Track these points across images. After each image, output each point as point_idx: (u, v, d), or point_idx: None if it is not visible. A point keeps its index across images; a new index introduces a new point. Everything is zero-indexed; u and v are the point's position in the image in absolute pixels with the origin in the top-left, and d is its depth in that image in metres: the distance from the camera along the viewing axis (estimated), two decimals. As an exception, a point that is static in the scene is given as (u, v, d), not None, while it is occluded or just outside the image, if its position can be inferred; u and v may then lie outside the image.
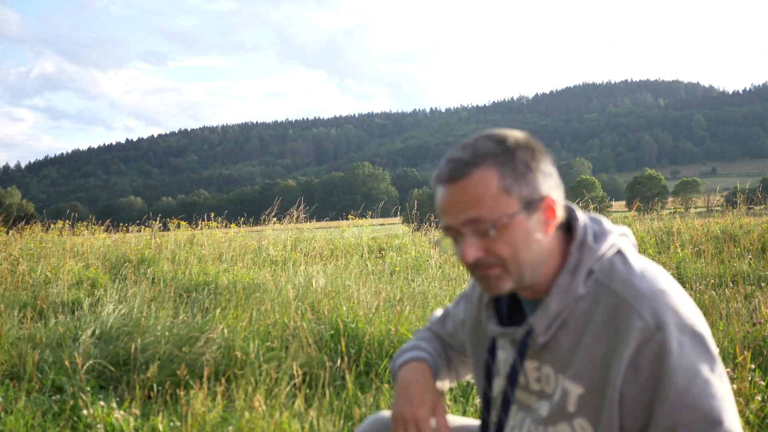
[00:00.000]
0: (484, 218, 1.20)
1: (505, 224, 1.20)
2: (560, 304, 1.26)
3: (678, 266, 6.29)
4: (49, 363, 3.71)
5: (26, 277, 6.02)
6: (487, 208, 1.20)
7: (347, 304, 4.68)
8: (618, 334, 1.19)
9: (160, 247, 8.30)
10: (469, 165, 1.21)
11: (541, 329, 1.27)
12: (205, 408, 2.94)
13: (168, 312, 4.71)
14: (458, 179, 1.21)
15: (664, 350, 1.15)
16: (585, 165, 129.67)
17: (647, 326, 1.17)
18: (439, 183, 1.24)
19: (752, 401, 2.72)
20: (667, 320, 1.17)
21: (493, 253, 1.23)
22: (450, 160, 1.24)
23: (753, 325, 3.57)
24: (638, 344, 1.17)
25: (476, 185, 1.20)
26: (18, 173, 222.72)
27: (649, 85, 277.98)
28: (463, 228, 1.23)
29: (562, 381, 1.28)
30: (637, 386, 1.18)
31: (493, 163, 1.21)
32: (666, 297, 1.21)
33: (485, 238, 1.22)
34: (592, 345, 1.23)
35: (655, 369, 1.16)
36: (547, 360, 1.30)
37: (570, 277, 1.26)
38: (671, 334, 1.16)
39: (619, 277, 1.24)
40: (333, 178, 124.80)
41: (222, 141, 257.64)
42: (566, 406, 1.27)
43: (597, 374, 1.23)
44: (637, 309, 1.19)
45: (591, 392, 1.24)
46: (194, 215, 11.92)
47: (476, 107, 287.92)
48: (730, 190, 14.26)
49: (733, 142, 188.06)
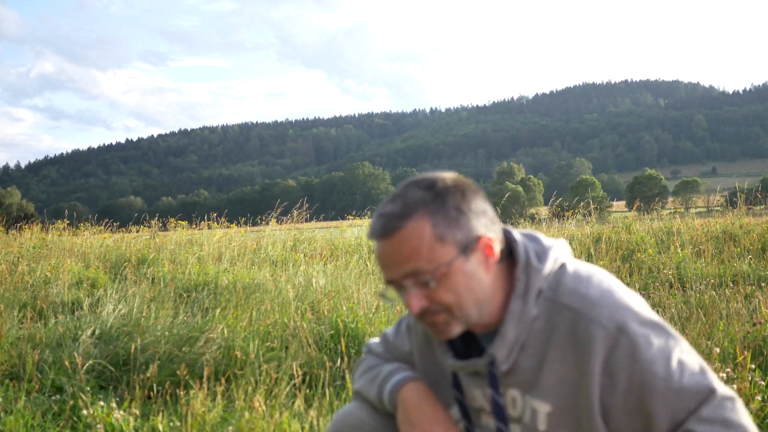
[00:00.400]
0: (423, 270, 1.20)
1: (444, 273, 1.21)
2: (516, 329, 1.26)
3: (678, 266, 6.28)
4: (49, 363, 3.71)
5: (26, 277, 6.02)
6: (424, 259, 1.20)
7: (347, 304, 4.68)
8: (582, 346, 1.20)
9: (160, 247, 8.30)
10: (400, 218, 1.20)
11: (502, 358, 1.28)
12: (205, 408, 2.94)
13: (168, 312, 4.71)
14: (391, 234, 1.21)
15: (634, 349, 1.18)
16: (585, 165, 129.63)
17: (609, 333, 1.19)
18: (373, 239, 1.24)
19: (752, 401, 2.72)
20: (626, 320, 1.20)
21: (437, 302, 1.23)
22: (381, 215, 1.23)
23: (753, 325, 3.57)
24: (606, 352, 1.18)
25: (410, 238, 1.20)
26: (18, 173, 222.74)
27: (650, 85, 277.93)
28: (403, 281, 1.23)
29: (529, 401, 1.28)
30: (619, 392, 1.19)
31: (424, 213, 1.20)
32: (615, 297, 1.23)
33: (427, 288, 1.22)
34: (556, 362, 1.24)
35: (631, 370, 1.18)
36: (511, 384, 1.31)
37: (521, 302, 1.26)
38: (635, 332, 1.19)
39: (568, 290, 1.25)
40: (333, 178, 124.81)
41: (222, 141, 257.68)
42: (536, 425, 1.28)
43: (565, 390, 1.23)
44: (595, 318, 1.20)
45: (561, 408, 1.25)
46: (194, 215, 11.91)
47: (476, 107, 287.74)
48: (731, 190, 14.26)
49: (733, 142, 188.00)
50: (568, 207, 10.64)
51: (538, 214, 14.36)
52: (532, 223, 11.29)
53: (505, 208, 10.18)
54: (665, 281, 5.79)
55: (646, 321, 1.21)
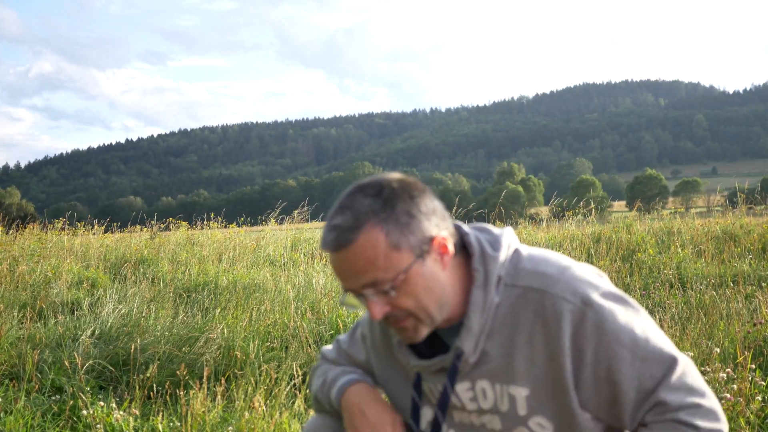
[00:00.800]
0: (381, 280, 1.20)
1: (403, 279, 1.21)
2: (481, 319, 1.27)
3: (678, 266, 6.28)
4: (49, 363, 3.71)
5: (26, 277, 6.01)
6: (381, 269, 1.19)
7: (347, 304, 4.67)
8: (550, 323, 1.23)
9: (159, 247, 8.30)
10: (352, 230, 1.19)
11: (470, 350, 1.28)
12: (205, 408, 2.93)
13: (168, 312, 4.71)
14: (345, 247, 1.19)
15: (600, 321, 1.21)
16: (585, 165, 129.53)
17: (576, 307, 1.22)
18: (327, 251, 1.23)
19: (752, 401, 2.72)
20: (590, 294, 1.23)
21: (398, 308, 1.24)
22: (333, 228, 1.21)
23: (753, 326, 3.57)
24: (574, 326, 1.21)
25: (365, 250, 1.19)
26: (18, 173, 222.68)
27: (650, 85, 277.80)
28: (362, 291, 1.23)
29: (505, 389, 1.29)
30: (587, 364, 1.22)
31: (375, 222, 1.19)
32: (574, 272, 1.26)
33: (387, 296, 1.23)
34: (526, 344, 1.25)
35: (598, 341, 1.21)
36: (479, 376, 1.31)
37: (483, 292, 1.27)
38: (600, 304, 1.22)
39: (526, 272, 1.27)
40: (333, 178, 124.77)
41: (222, 141, 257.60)
42: (517, 411, 1.29)
43: (540, 371, 1.25)
44: (560, 294, 1.23)
45: (537, 390, 1.26)
46: (194, 215, 11.90)
47: (476, 107, 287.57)
48: (731, 190, 14.26)
49: (733, 142, 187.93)
50: (569, 207, 10.63)
51: (539, 214, 14.36)
52: (532, 223, 11.28)
53: (505, 208, 10.17)
54: (665, 281, 5.78)
55: (608, 293, 1.25)
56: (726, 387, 2.81)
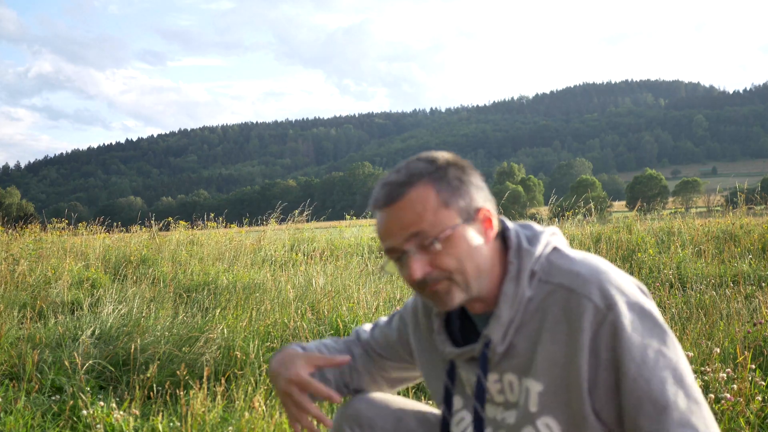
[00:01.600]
0: (428, 232, 1.22)
1: (449, 236, 1.23)
2: (511, 310, 1.28)
3: (678, 266, 6.28)
4: (49, 363, 3.71)
5: (26, 277, 6.01)
6: (428, 222, 1.22)
7: (347, 304, 4.68)
8: (573, 323, 1.22)
9: (159, 248, 8.30)
10: (404, 185, 1.24)
11: (497, 339, 1.29)
12: (205, 408, 2.93)
13: (168, 312, 4.71)
14: (396, 200, 1.24)
15: (618, 328, 1.19)
16: (585, 165, 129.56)
17: (598, 308, 1.20)
18: (377, 208, 1.27)
19: (752, 401, 2.71)
20: (616, 299, 1.21)
21: (440, 267, 1.25)
22: (385, 184, 1.27)
23: (753, 326, 3.57)
24: (594, 328, 1.20)
25: (415, 203, 1.23)
26: (17, 173, 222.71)
27: (650, 85, 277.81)
28: (406, 245, 1.24)
29: (524, 382, 1.29)
30: (601, 370, 1.21)
31: (428, 180, 1.24)
32: (609, 277, 1.24)
33: (430, 253, 1.24)
34: (549, 341, 1.25)
35: (612, 348, 1.19)
36: (507, 369, 1.32)
37: (515, 284, 1.28)
38: (622, 312, 1.20)
39: (561, 270, 1.27)
40: (333, 178, 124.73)
41: (222, 141, 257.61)
42: (528, 406, 1.29)
43: (558, 369, 1.24)
44: (586, 294, 1.22)
45: (552, 388, 1.26)
46: (194, 215, 11.91)
47: (476, 107, 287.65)
48: (731, 190, 14.27)
49: (733, 142, 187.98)
50: (569, 207, 10.63)
51: (539, 214, 14.36)
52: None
53: (505, 208, 10.17)
54: (665, 281, 5.78)
55: (636, 306, 1.22)
56: (726, 387, 2.81)
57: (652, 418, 1.16)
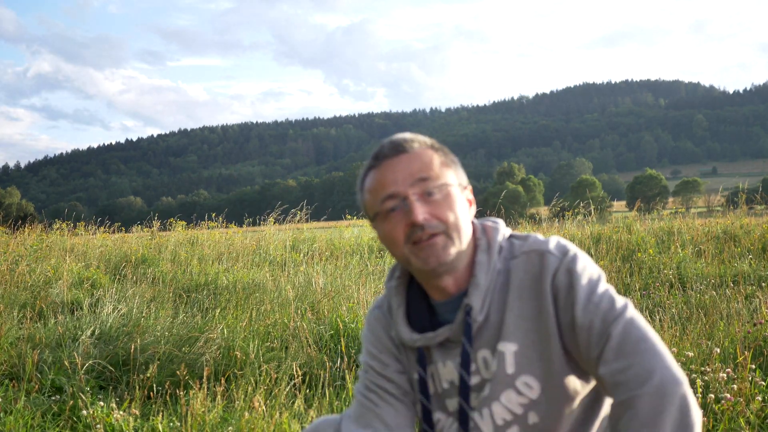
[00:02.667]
0: (433, 179, 1.31)
1: (449, 191, 1.31)
2: (486, 277, 1.34)
3: (678, 266, 6.28)
4: (49, 363, 3.71)
5: (26, 277, 6.01)
6: (434, 172, 1.32)
7: (347, 304, 4.68)
8: (536, 276, 1.32)
9: (159, 248, 8.30)
10: (413, 142, 1.36)
11: (477, 306, 1.33)
12: (205, 408, 2.93)
13: (168, 312, 4.71)
14: (406, 151, 1.34)
15: (572, 268, 1.29)
16: (585, 165, 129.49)
17: (557, 258, 1.31)
18: (383, 159, 1.35)
19: (753, 401, 2.71)
20: (569, 247, 1.33)
21: (438, 217, 1.31)
22: (393, 141, 1.37)
23: (753, 326, 3.57)
24: (553, 273, 1.30)
25: (422, 156, 1.34)
26: (17, 173, 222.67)
27: (650, 85, 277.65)
28: (410, 190, 1.31)
29: (499, 348, 1.32)
30: (561, 310, 1.28)
31: (430, 147, 1.37)
32: (564, 240, 1.37)
33: (430, 202, 1.31)
34: (517, 300, 1.32)
35: (567, 286, 1.28)
36: (481, 345, 1.35)
37: (486, 255, 1.36)
38: (576, 258, 1.31)
39: (522, 244, 1.38)
40: (333, 178, 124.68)
41: (222, 141, 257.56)
42: (505, 369, 1.32)
43: (528, 324, 1.31)
44: (546, 249, 1.33)
45: (525, 345, 1.31)
46: (194, 215, 11.90)
47: (476, 107, 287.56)
48: (731, 190, 14.27)
49: (733, 142, 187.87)
50: (569, 207, 10.63)
51: (539, 214, 14.36)
52: (532, 223, 11.27)
53: (505, 208, 10.17)
54: (666, 281, 5.78)
55: (583, 253, 1.34)
56: (726, 387, 2.81)
57: (601, 332, 1.24)
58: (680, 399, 1.15)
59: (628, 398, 1.17)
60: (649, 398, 1.15)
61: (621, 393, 1.18)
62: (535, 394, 1.31)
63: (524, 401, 1.32)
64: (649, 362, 1.18)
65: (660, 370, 1.17)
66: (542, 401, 1.31)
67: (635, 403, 1.16)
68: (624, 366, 1.19)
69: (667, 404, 1.14)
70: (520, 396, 1.31)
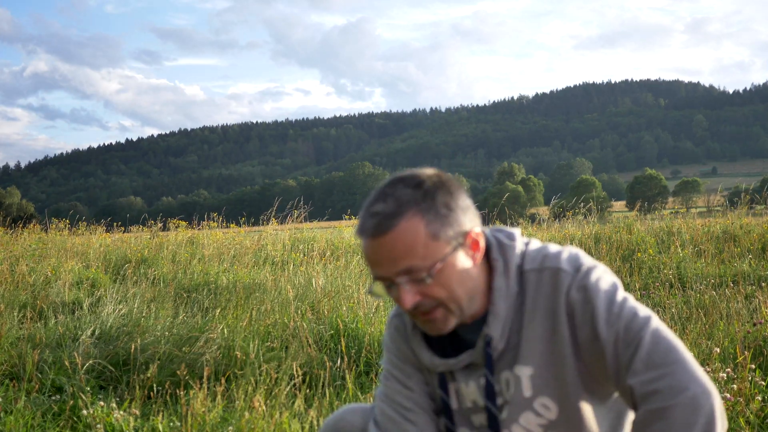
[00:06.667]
0: (418, 267, 1.22)
1: (441, 268, 1.23)
2: (506, 305, 1.30)
3: (678, 266, 6.28)
4: (49, 363, 3.71)
5: (26, 277, 6.01)
6: (419, 257, 1.22)
7: (347, 304, 4.68)
8: (549, 295, 1.28)
9: (160, 248, 8.30)
10: (393, 217, 1.21)
11: (497, 335, 1.30)
12: (205, 408, 2.94)
13: (168, 312, 4.71)
14: (385, 233, 1.21)
15: (586, 283, 1.26)
16: (585, 165, 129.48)
17: (570, 274, 1.27)
18: (365, 237, 1.24)
19: (752, 401, 2.72)
20: (584, 263, 1.29)
21: (431, 297, 1.25)
22: (373, 214, 1.23)
23: (753, 325, 3.57)
24: (566, 291, 1.26)
25: (405, 236, 1.21)
26: (17, 173, 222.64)
27: (650, 85, 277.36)
28: (396, 278, 1.24)
29: (516, 372, 1.32)
30: (579, 327, 1.26)
31: (416, 211, 1.22)
32: (578, 252, 1.33)
33: (420, 284, 1.24)
34: (533, 324, 1.30)
35: (583, 302, 1.25)
36: (503, 368, 1.33)
37: (504, 279, 1.31)
38: (590, 272, 1.27)
39: (537, 257, 1.33)
40: (333, 178, 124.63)
41: (222, 141, 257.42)
42: (522, 392, 1.31)
43: (543, 345, 1.29)
44: (558, 266, 1.29)
45: (541, 367, 1.29)
46: (194, 215, 11.89)
47: (476, 107, 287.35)
48: (731, 189, 14.27)
49: (733, 142, 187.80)
50: (569, 207, 10.63)
51: (539, 215, 14.36)
52: (532, 223, 11.28)
53: (505, 208, 10.17)
54: (665, 281, 5.78)
55: (599, 267, 1.30)
56: (726, 387, 2.81)
57: (628, 342, 1.21)
58: (709, 411, 1.16)
59: (660, 408, 1.16)
60: (683, 409, 1.15)
61: (652, 402, 1.18)
62: (553, 415, 1.30)
63: (543, 422, 1.31)
64: (682, 373, 1.18)
65: (694, 382, 1.18)
66: (561, 422, 1.30)
67: (668, 413, 1.16)
68: (655, 376, 1.18)
69: (698, 416, 1.15)
70: (539, 417, 1.31)
